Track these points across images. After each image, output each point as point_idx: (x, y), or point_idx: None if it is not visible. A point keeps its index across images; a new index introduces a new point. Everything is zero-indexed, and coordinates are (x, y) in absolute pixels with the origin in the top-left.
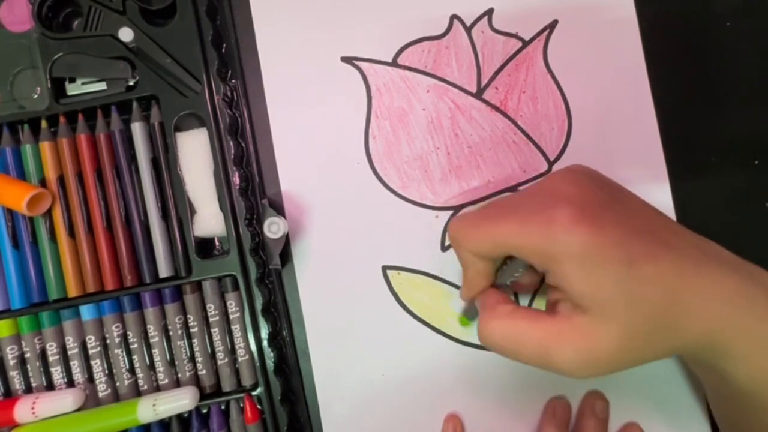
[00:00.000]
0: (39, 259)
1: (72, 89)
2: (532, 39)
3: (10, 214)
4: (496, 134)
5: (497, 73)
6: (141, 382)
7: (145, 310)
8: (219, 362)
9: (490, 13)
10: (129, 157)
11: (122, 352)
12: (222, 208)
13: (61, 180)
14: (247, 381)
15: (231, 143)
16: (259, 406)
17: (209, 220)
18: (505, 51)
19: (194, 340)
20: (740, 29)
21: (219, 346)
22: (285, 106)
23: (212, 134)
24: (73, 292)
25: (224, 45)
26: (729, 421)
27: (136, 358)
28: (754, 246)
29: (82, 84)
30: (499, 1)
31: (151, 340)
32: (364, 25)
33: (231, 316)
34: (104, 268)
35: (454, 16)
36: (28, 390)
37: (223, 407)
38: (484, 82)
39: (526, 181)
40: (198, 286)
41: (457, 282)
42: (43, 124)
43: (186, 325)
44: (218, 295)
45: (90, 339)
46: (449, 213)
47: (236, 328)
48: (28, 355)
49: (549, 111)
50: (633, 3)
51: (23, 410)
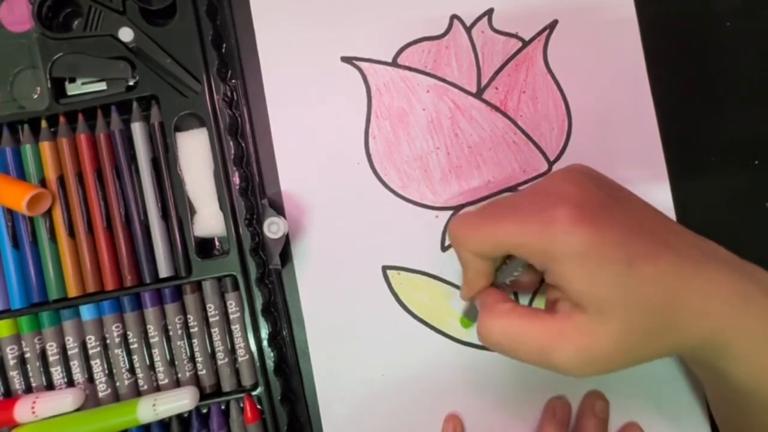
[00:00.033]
0: (39, 259)
1: (72, 89)
2: (532, 39)
3: (10, 214)
4: (496, 134)
5: (497, 73)
6: (141, 382)
7: (145, 310)
8: (219, 362)
9: (490, 13)
10: (129, 157)
11: (122, 352)
12: (222, 208)
13: (61, 180)
14: (247, 381)
15: (231, 143)
16: (259, 406)
17: (209, 220)
18: (505, 51)
19: (194, 340)
20: (740, 29)
21: (219, 346)
22: (285, 106)
23: (212, 134)
24: (73, 292)
25: (224, 45)
26: (728, 420)
27: (136, 358)
28: (754, 246)
29: (82, 84)
30: (499, 1)
31: (151, 340)
32: (364, 25)
33: (231, 316)
34: (104, 268)
35: (454, 16)
36: (28, 390)
37: (223, 407)
38: (484, 82)
39: (526, 181)
40: (198, 286)
41: (457, 282)
42: (43, 124)
43: (186, 325)
44: (218, 295)
45: (90, 339)
46: (449, 213)
47: (236, 328)
48: (28, 355)
49: (549, 111)
50: (633, 3)
51: (23, 410)
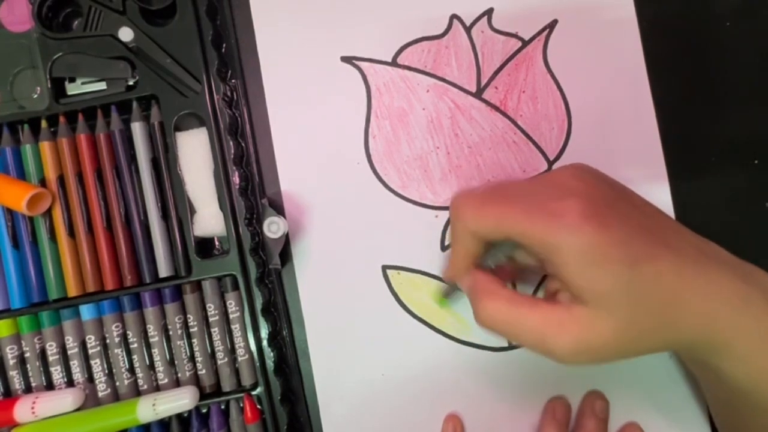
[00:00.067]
0: (39, 258)
1: (72, 89)
2: (532, 39)
3: (10, 214)
4: (495, 134)
5: (497, 72)
6: (141, 381)
7: (144, 310)
8: (219, 362)
9: (489, 12)
10: (129, 156)
11: (122, 351)
12: (222, 207)
13: (61, 180)
14: (246, 381)
15: (231, 143)
16: (258, 406)
17: (209, 219)
18: (504, 51)
19: (194, 340)
20: (740, 29)
21: (219, 346)
22: (285, 106)
23: (212, 134)
24: (72, 291)
25: (224, 45)
26: (726, 420)
27: (135, 357)
28: (754, 246)
29: (82, 84)
30: (499, 1)
31: (151, 340)
32: (364, 25)
33: (231, 316)
34: (104, 268)
35: (454, 16)
36: (28, 390)
37: (222, 407)
38: (483, 82)
39: None
40: (198, 286)
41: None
42: (43, 124)
43: (186, 325)
44: (218, 294)
45: (90, 339)
46: (449, 213)
47: (236, 327)
48: (27, 354)
49: (549, 111)
50: (633, 3)
51: (23, 410)
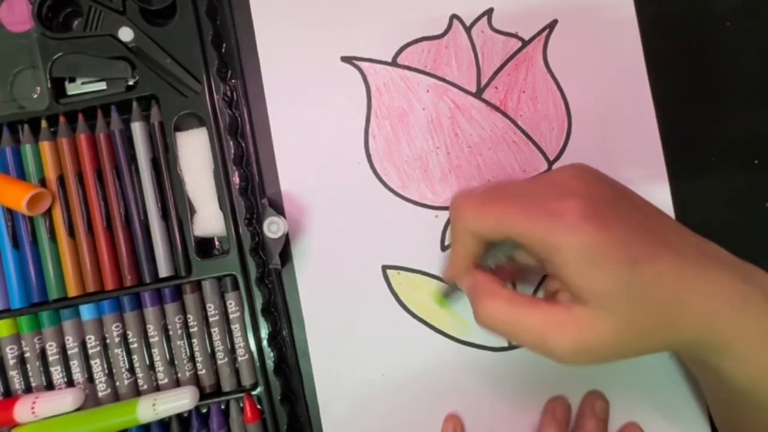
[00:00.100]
0: (39, 258)
1: (72, 89)
2: (532, 39)
3: (10, 214)
4: (495, 134)
5: (497, 72)
6: (141, 381)
7: (144, 310)
8: (219, 362)
9: (489, 12)
10: (129, 156)
11: (122, 351)
12: (222, 207)
13: (61, 180)
14: (246, 381)
15: (231, 143)
16: (258, 406)
17: (209, 219)
18: (504, 51)
19: (194, 340)
20: (740, 29)
21: (219, 346)
22: (285, 106)
23: (212, 134)
24: (73, 291)
25: (224, 45)
26: (726, 420)
27: (135, 357)
28: (754, 246)
29: (82, 84)
30: (499, 1)
31: (151, 340)
32: (364, 25)
33: (231, 316)
34: (104, 268)
35: (454, 16)
36: (28, 390)
37: (222, 407)
38: (483, 82)
39: None
40: (198, 286)
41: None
42: (43, 123)
43: (186, 325)
44: (218, 294)
45: (90, 339)
46: (449, 213)
47: (236, 327)
48: (27, 354)
49: (549, 111)
50: (633, 3)
51: (23, 410)
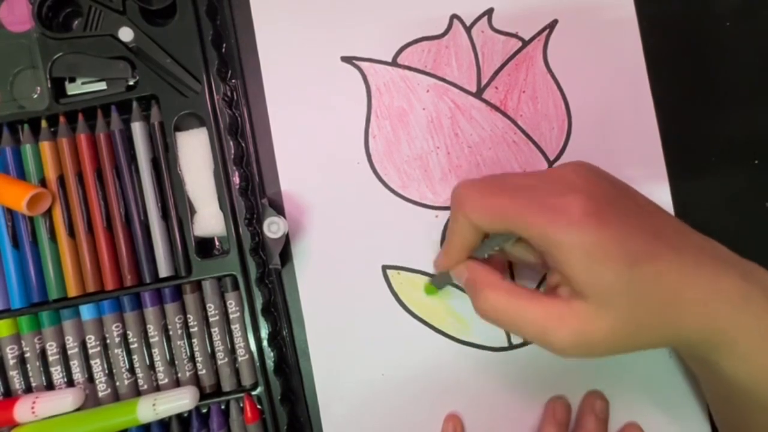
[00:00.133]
0: (39, 258)
1: (72, 89)
2: (532, 39)
3: (10, 214)
4: (496, 134)
5: (497, 72)
6: (141, 381)
7: (144, 310)
8: (219, 362)
9: (490, 12)
10: (129, 156)
11: (122, 351)
12: (222, 207)
13: (61, 180)
14: (247, 381)
15: (231, 143)
16: (259, 406)
17: (209, 219)
18: (505, 51)
19: (194, 340)
20: (740, 29)
21: (219, 346)
22: (285, 106)
23: (212, 134)
24: (73, 291)
25: (224, 45)
26: (725, 418)
27: (136, 357)
28: (754, 246)
29: (82, 84)
30: (499, 1)
31: (151, 340)
32: (364, 25)
33: (231, 316)
34: (104, 268)
35: (454, 16)
36: (28, 390)
37: (223, 407)
38: (484, 82)
39: None
40: (198, 286)
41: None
42: (43, 123)
43: (186, 325)
44: (218, 294)
45: (90, 339)
46: (449, 213)
47: (236, 327)
48: (27, 354)
49: (549, 111)
50: (633, 3)
51: (23, 410)
